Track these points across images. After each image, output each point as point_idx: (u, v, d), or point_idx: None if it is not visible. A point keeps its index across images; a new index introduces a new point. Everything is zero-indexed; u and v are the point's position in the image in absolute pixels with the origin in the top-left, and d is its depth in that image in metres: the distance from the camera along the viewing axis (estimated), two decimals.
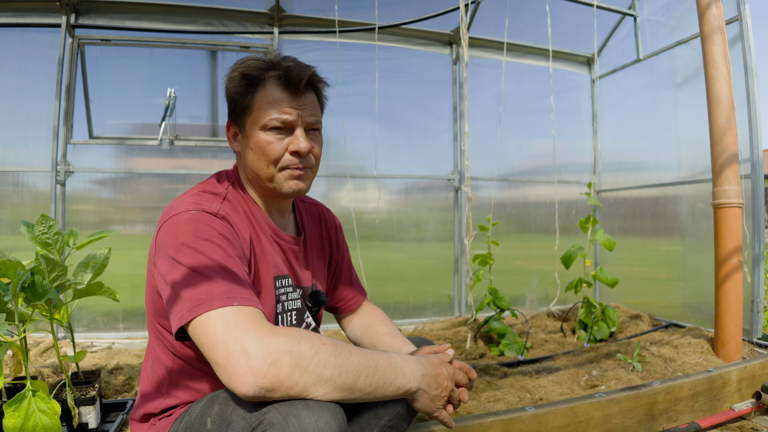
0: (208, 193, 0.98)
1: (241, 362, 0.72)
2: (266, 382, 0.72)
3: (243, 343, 0.73)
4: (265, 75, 0.99)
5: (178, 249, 0.84)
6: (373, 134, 3.38)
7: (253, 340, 0.74)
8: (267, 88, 0.98)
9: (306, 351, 0.75)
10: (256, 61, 1.00)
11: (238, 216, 0.99)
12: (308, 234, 1.21)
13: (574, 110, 4.09)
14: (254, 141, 0.99)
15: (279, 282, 1.06)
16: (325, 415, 0.74)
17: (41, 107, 2.93)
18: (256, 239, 1.02)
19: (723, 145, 2.38)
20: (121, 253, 2.94)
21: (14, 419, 1.21)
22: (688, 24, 3.18)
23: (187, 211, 0.90)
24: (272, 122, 0.97)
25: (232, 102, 1.02)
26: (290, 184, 1.01)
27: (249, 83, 0.99)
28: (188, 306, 0.78)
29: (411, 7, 3.42)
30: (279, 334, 0.76)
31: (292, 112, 0.98)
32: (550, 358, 2.56)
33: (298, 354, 0.75)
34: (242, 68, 1.00)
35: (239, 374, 0.72)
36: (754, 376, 2.06)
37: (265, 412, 0.75)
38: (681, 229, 3.36)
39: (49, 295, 1.30)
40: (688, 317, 3.22)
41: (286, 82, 0.98)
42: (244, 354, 0.72)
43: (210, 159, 3.29)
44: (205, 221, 0.89)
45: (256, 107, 0.99)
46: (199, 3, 3.14)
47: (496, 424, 1.50)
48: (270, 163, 0.99)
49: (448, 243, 3.74)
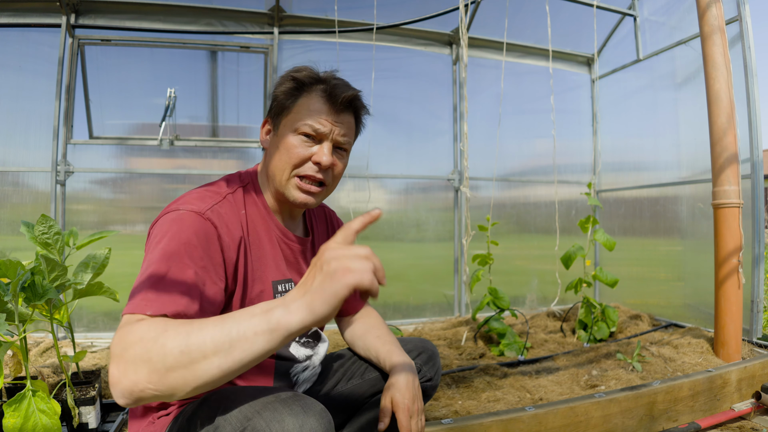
0: (209, 192, 0.99)
1: (109, 373, 0.69)
2: (124, 387, 0.67)
3: (112, 353, 0.70)
4: (313, 85, 1.03)
5: (152, 248, 0.87)
6: (373, 134, 3.38)
7: (117, 346, 0.70)
8: (311, 97, 1.02)
9: (149, 340, 0.69)
10: (310, 71, 1.05)
11: (234, 217, 0.98)
12: (316, 236, 1.22)
13: (574, 110, 4.10)
14: (283, 141, 1.02)
15: (281, 286, 1.06)
16: (310, 420, 0.74)
17: (41, 107, 2.93)
18: (256, 241, 1.02)
19: (723, 145, 2.38)
20: (121, 253, 2.94)
21: (14, 419, 1.21)
22: (688, 24, 3.18)
23: (176, 210, 0.92)
24: (305, 128, 1.00)
25: (275, 100, 1.06)
26: (299, 195, 1.03)
27: (296, 87, 1.03)
28: (129, 303, 0.78)
29: (410, 7, 3.42)
30: (138, 330, 0.71)
31: (326, 124, 1.01)
32: (550, 358, 2.56)
33: (143, 346, 0.68)
34: (295, 73, 1.04)
35: (111, 389, 0.69)
36: (754, 376, 2.06)
37: (249, 417, 0.75)
38: (681, 229, 3.36)
39: (49, 295, 1.30)
40: (688, 317, 3.22)
41: (329, 96, 1.01)
42: (111, 366, 0.69)
43: (210, 159, 3.30)
44: (181, 222, 0.89)
45: (295, 110, 1.02)
46: (199, 3, 3.14)
47: (496, 424, 1.50)
48: (291, 166, 1.01)
49: (448, 243, 3.74)
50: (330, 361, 1.30)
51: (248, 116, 3.41)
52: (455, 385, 2.16)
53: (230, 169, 3.30)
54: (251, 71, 3.37)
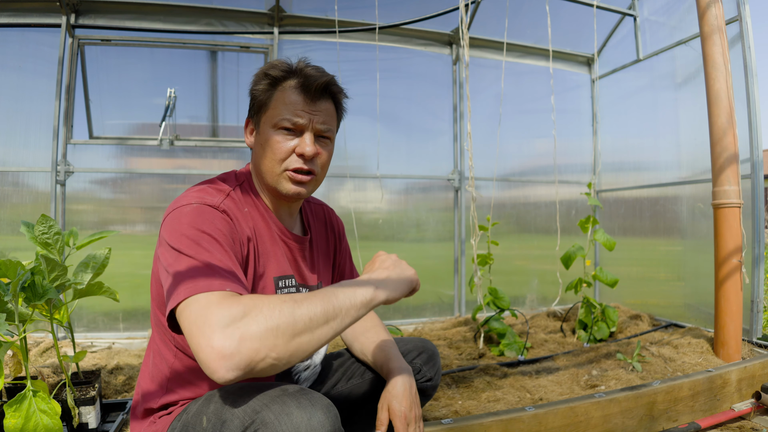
0: (212, 188, 0.99)
1: (209, 352, 0.69)
2: (242, 359, 0.69)
3: (209, 331, 0.70)
4: (286, 77, 1.02)
5: (178, 240, 0.85)
6: (373, 134, 3.38)
7: (219, 322, 0.71)
8: (285, 90, 1.02)
9: (270, 309, 0.74)
10: (282, 64, 1.04)
11: (240, 214, 1.00)
12: (314, 234, 1.22)
13: (574, 110, 4.10)
14: (264, 138, 1.02)
15: (282, 282, 1.06)
16: (318, 414, 0.74)
17: (41, 107, 2.93)
18: (259, 238, 1.03)
19: (723, 145, 2.38)
20: (121, 253, 2.94)
21: (15, 419, 1.21)
22: (688, 24, 3.18)
23: (189, 204, 0.92)
24: (283, 122, 1.00)
25: (253, 99, 1.06)
26: (290, 187, 1.03)
27: (270, 83, 1.03)
28: (178, 292, 0.78)
29: (411, 7, 3.42)
30: (240, 304, 0.74)
31: (304, 115, 1.01)
32: (550, 358, 2.56)
33: (264, 315, 0.73)
34: (268, 68, 1.04)
35: (212, 367, 0.69)
36: (754, 376, 2.06)
37: (258, 411, 0.75)
38: (681, 229, 3.36)
39: (49, 295, 1.30)
40: (688, 317, 3.22)
41: (303, 87, 1.01)
42: (209, 343, 0.69)
43: (210, 159, 3.30)
44: (206, 214, 0.90)
45: (272, 106, 1.02)
46: (199, 3, 3.14)
47: (496, 424, 1.50)
48: (276, 161, 1.02)
49: (448, 243, 3.74)
50: (330, 361, 1.31)
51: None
52: (455, 385, 2.16)
53: (230, 169, 3.29)
54: (251, 71, 3.35)
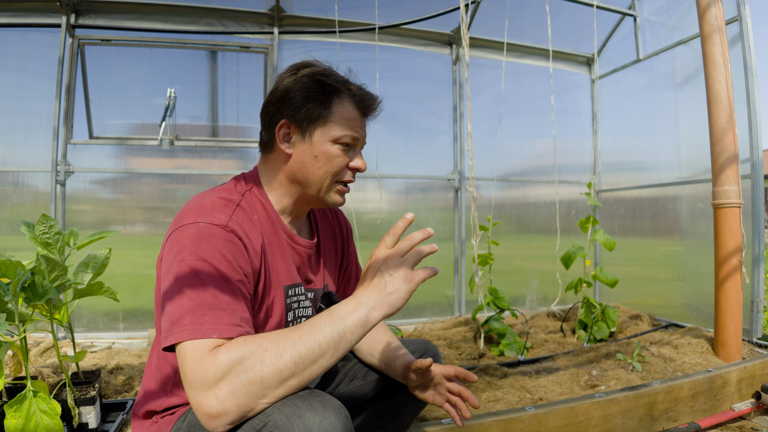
0: (221, 200, 0.96)
1: (198, 411, 0.72)
2: (232, 416, 0.72)
3: (195, 391, 0.72)
4: (343, 89, 1.02)
5: (178, 266, 0.83)
6: (373, 134, 3.38)
7: (204, 382, 0.72)
8: (344, 104, 1.01)
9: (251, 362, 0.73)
10: (330, 71, 1.03)
11: (251, 224, 0.97)
12: (322, 237, 1.21)
13: (574, 110, 4.10)
14: (322, 150, 1.01)
15: (291, 291, 1.05)
16: (330, 416, 0.74)
17: (41, 107, 2.93)
18: (268, 247, 1.00)
19: (723, 145, 2.38)
20: (122, 254, 2.95)
21: (15, 420, 1.21)
22: (688, 24, 3.18)
23: (195, 223, 0.88)
24: (346, 138, 1.01)
25: (299, 105, 0.99)
26: (337, 198, 1.07)
27: (326, 91, 1.00)
28: (171, 333, 0.78)
29: (411, 7, 3.42)
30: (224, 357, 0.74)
31: (360, 132, 1.04)
32: (550, 358, 2.56)
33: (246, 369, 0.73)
34: (318, 74, 1.00)
35: (206, 423, 0.72)
36: (754, 376, 2.07)
37: (269, 414, 0.74)
38: (681, 229, 3.36)
39: (49, 295, 1.30)
40: (688, 317, 3.22)
41: (361, 103, 1.03)
42: (197, 402, 0.72)
43: (210, 159, 3.30)
44: (210, 239, 0.87)
45: (333, 119, 1.00)
46: (199, 3, 3.14)
47: (496, 424, 1.50)
48: (330, 174, 1.03)
49: (447, 243, 3.74)
50: None
51: (248, 116, 3.41)
52: None
53: (230, 169, 3.30)
54: (251, 71, 3.38)
